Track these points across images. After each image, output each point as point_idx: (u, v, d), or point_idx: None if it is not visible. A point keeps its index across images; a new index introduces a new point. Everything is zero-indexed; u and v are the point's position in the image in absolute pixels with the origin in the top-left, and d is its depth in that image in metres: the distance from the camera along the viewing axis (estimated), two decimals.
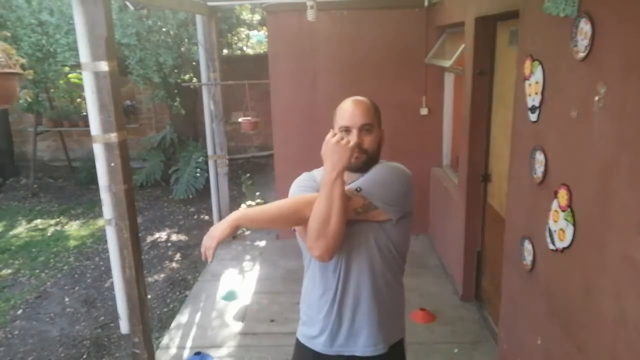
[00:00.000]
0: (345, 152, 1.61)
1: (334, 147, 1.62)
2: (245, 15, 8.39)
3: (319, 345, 1.82)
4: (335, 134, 1.67)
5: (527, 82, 2.42)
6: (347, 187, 1.66)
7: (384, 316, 1.78)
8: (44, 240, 6.10)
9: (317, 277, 1.79)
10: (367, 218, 1.69)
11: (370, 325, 1.76)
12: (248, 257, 5.16)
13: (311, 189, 1.75)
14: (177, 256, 5.59)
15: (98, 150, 2.70)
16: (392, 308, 1.82)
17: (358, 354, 1.78)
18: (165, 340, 3.71)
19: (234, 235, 5.56)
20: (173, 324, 3.93)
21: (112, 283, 3.75)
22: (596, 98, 1.80)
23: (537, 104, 2.31)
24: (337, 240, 1.61)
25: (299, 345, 1.92)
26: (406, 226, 1.79)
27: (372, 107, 1.79)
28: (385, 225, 1.72)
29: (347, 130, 1.72)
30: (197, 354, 3.43)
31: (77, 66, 6.08)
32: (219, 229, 1.60)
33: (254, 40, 9.95)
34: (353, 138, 1.69)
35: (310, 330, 1.85)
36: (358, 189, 1.68)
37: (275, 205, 1.72)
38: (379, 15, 4.95)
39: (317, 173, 1.83)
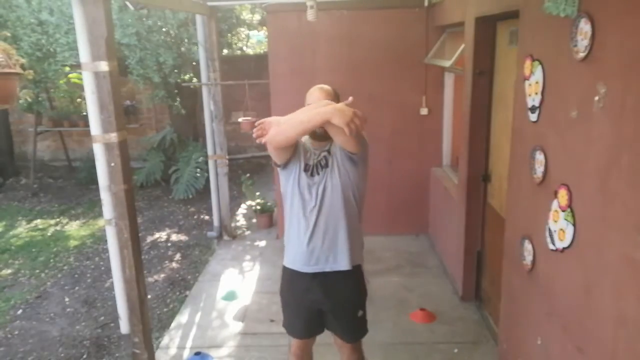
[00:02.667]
0: (349, 112, 2.04)
1: (347, 109, 2.06)
2: (245, 15, 8.38)
3: (299, 264, 2.40)
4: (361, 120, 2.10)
5: (527, 82, 2.42)
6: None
7: (351, 243, 2.37)
8: (44, 240, 6.10)
9: (301, 218, 2.35)
10: (354, 140, 2.17)
11: (341, 248, 2.35)
12: (248, 257, 5.16)
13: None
14: (177, 256, 5.59)
15: (98, 150, 2.70)
16: (355, 238, 2.40)
17: (328, 269, 2.38)
18: (165, 340, 3.71)
19: (234, 235, 5.57)
20: (173, 324, 3.93)
21: (112, 283, 3.75)
22: (596, 98, 1.80)
23: (537, 104, 2.31)
24: (287, 142, 2.21)
25: (285, 270, 2.51)
26: (364, 173, 2.38)
27: (333, 91, 2.36)
28: (351, 176, 2.31)
29: None
30: (197, 354, 3.43)
31: (77, 66, 6.09)
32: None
33: (254, 40, 9.94)
34: None
35: (296, 255, 2.41)
36: None
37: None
38: (379, 15, 4.95)
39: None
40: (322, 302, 2.45)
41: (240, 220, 6.30)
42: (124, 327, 2.95)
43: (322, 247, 2.35)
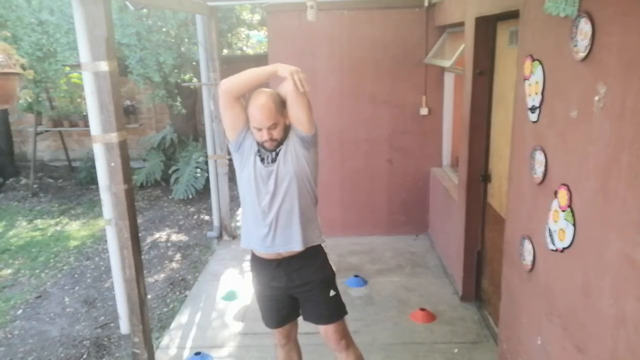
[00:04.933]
0: (291, 67, 2.30)
1: (298, 72, 2.27)
2: (245, 15, 8.38)
3: (256, 246, 2.51)
4: (303, 77, 2.29)
5: (527, 82, 2.42)
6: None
7: (304, 226, 2.44)
8: (44, 240, 6.10)
9: (256, 204, 2.42)
10: (307, 112, 2.35)
11: (295, 231, 2.42)
12: (248, 257, 5.12)
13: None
14: (177, 256, 5.59)
15: (98, 150, 2.70)
16: (309, 221, 2.48)
17: (283, 250, 2.46)
18: (165, 340, 3.71)
19: (234, 235, 5.57)
20: (173, 324, 3.93)
21: (112, 283, 3.75)
22: (596, 98, 1.80)
23: (537, 104, 2.31)
24: (238, 90, 2.39)
25: (252, 262, 2.66)
26: (316, 157, 2.46)
27: (274, 106, 2.31)
28: (304, 161, 2.38)
29: (259, 129, 2.31)
30: (197, 354, 3.43)
31: (77, 66, 6.08)
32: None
33: (254, 40, 9.94)
34: (264, 135, 2.30)
35: (251, 237, 2.51)
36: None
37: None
38: (379, 15, 4.95)
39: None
40: (289, 287, 2.53)
41: (240, 220, 6.29)
42: (124, 327, 2.96)
43: (276, 231, 2.42)
